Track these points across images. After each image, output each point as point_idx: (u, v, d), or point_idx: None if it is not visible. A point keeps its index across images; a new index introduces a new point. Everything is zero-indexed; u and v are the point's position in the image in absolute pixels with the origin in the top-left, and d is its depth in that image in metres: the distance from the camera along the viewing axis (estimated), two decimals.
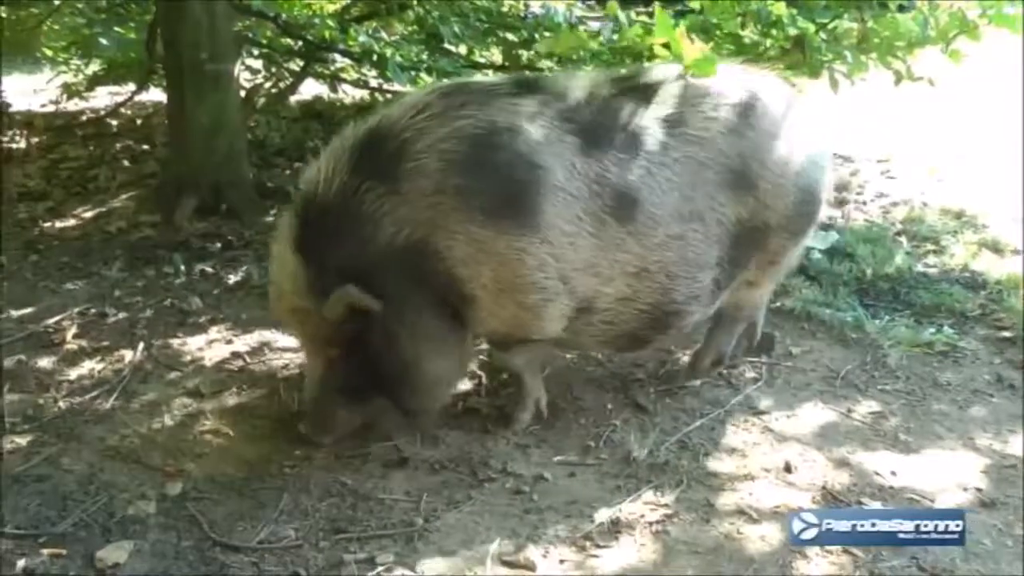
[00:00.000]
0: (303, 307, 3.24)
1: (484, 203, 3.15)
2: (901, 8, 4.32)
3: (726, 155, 3.39)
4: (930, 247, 5.44)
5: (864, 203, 6.24)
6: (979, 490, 3.22)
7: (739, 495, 3.19)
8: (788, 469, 3.32)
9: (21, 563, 2.85)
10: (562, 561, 2.88)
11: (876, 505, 3.12)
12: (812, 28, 4.24)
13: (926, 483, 3.25)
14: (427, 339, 3.30)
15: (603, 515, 3.08)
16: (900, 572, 2.83)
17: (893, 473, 3.31)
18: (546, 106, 3.30)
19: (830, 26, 4.33)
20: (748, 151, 3.42)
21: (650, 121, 3.36)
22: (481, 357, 3.93)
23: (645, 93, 3.44)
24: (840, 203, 6.13)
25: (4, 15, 7.75)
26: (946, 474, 3.31)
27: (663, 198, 3.31)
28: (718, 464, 3.37)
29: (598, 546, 2.95)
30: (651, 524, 3.04)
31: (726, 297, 3.72)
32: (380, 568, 2.84)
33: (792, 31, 4.31)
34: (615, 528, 3.03)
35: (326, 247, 3.19)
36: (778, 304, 4.59)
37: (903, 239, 5.51)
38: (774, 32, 4.51)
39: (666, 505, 3.14)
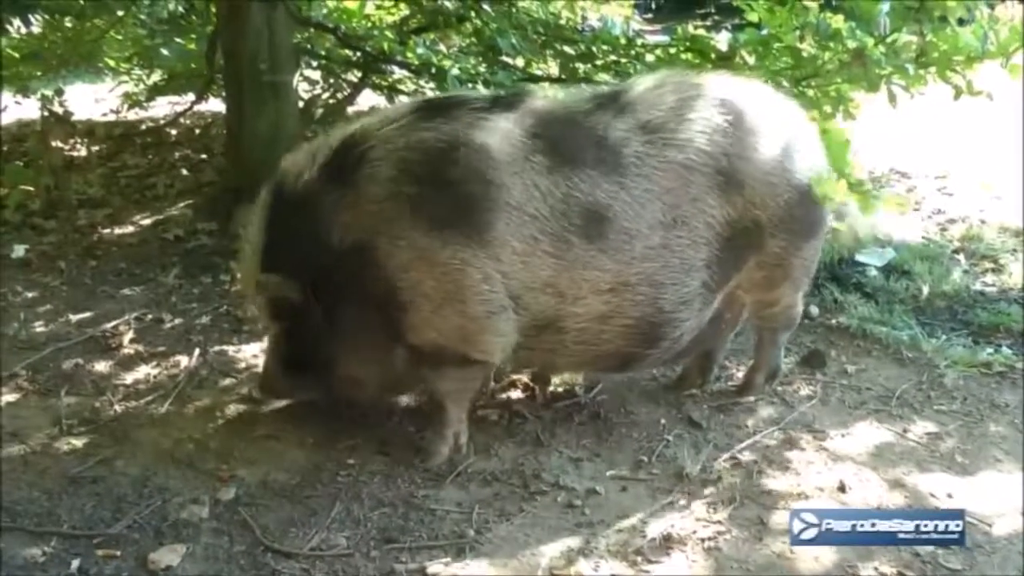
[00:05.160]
0: (255, 278, 3.42)
1: (431, 212, 3.19)
2: (961, 22, 4.26)
3: (711, 156, 3.32)
4: (988, 265, 5.35)
5: (921, 220, 6.15)
6: None
7: None
8: (842, 489, 3.28)
9: (75, 563, 2.90)
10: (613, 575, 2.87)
11: None
12: (871, 41, 4.19)
13: (982, 506, 3.18)
14: (350, 342, 3.40)
15: (655, 530, 3.06)
16: None
17: (949, 495, 3.25)
18: (518, 124, 3.29)
19: (889, 39, 4.27)
20: (733, 150, 3.35)
21: (628, 132, 3.32)
22: (532, 370, 3.91)
23: (625, 104, 3.40)
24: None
25: (69, 26, 7.89)
26: (1003, 497, 3.25)
27: (640, 211, 3.26)
28: (771, 482, 3.34)
29: (649, 561, 2.93)
30: (703, 540, 3.02)
31: (748, 313, 3.72)
32: None
33: (851, 44, 4.27)
34: (667, 543, 3.01)
35: (284, 235, 3.36)
36: (833, 321, 4.55)
37: (960, 257, 5.43)
38: (832, 45, 4.47)
39: (718, 522, 3.11)
